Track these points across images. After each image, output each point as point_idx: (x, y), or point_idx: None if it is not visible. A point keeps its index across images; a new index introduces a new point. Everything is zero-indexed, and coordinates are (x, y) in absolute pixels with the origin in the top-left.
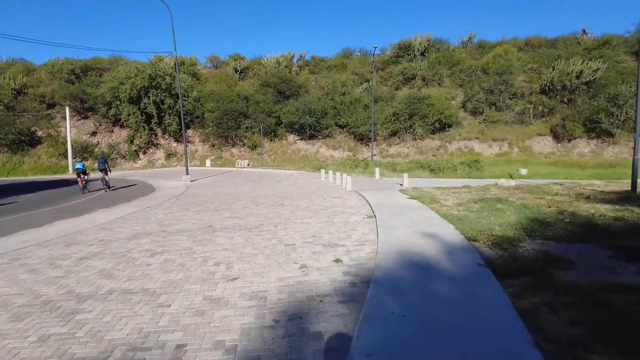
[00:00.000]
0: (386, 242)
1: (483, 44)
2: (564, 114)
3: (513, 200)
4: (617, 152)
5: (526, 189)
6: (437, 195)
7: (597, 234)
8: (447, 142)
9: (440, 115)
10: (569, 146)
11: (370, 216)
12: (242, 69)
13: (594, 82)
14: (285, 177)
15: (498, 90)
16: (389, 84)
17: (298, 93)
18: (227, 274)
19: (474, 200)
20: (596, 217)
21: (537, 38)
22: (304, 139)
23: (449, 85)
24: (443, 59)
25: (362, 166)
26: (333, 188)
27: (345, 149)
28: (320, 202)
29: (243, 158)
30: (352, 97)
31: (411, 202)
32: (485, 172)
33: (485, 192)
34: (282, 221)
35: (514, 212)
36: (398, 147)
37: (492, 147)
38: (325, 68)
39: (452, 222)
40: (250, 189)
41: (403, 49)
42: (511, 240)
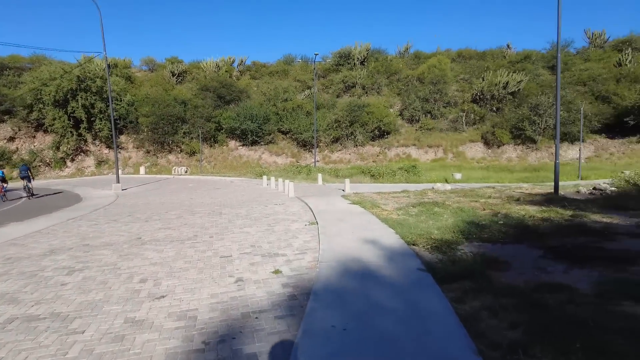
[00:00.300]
0: (328, 250)
1: (419, 55)
2: (493, 122)
3: (449, 204)
4: (539, 157)
5: (461, 193)
6: (377, 200)
7: (528, 235)
8: (386, 149)
9: (380, 122)
10: (498, 152)
11: (312, 223)
12: (179, 72)
13: (518, 93)
14: (225, 184)
15: (433, 99)
16: (330, 92)
17: (239, 98)
18: (154, 291)
19: (412, 205)
20: (526, 219)
21: (468, 50)
22: (246, 145)
23: (387, 93)
24: (381, 68)
25: (305, 172)
26: (275, 195)
27: (289, 155)
28: (261, 210)
29: (181, 165)
30: (295, 104)
31: (353, 208)
32: (422, 177)
33: (423, 196)
34: (219, 231)
35: (451, 215)
36: (340, 153)
37: (428, 153)
38: (267, 74)
39: (393, 226)
40: (186, 197)
41: (343, 57)
42: (449, 243)
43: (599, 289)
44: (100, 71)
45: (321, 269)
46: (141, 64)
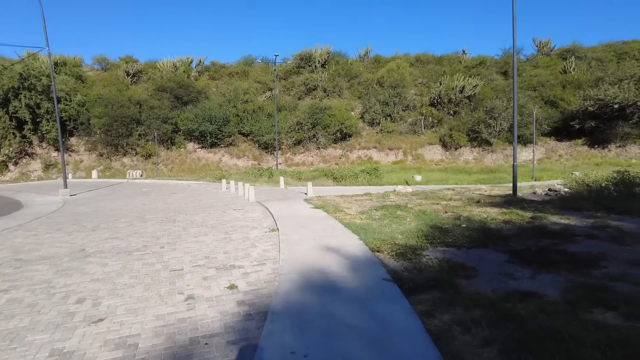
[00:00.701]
0: (289, 260)
1: (378, 59)
2: (450, 125)
3: (412, 207)
4: (495, 159)
5: (422, 195)
6: (340, 204)
7: (492, 238)
8: (348, 151)
9: (341, 125)
10: (456, 154)
11: (272, 229)
12: (134, 72)
13: (474, 97)
14: (181, 188)
15: (393, 102)
16: (292, 94)
17: (197, 99)
18: (92, 314)
19: (375, 208)
20: (488, 221)
21: (425, 55)
22: (205, 148)
23: (348, 97)
24: (342, 71)
25: (266, 175)
26: (235, 199)
27: (250, 158)
28: (219, 216)
29: (135, 168)
30: (255, 105)
31: (315, 212)
32: (384, 179)
33: (385, 199)
34: (172, 240)
35: (413, 219)
36: (303, 155)
37: (388, 156)
38: (227, 75)
39: (356, 232)
40: (139, 203)
41: (304, 59)
42: (414, 249)
43: (568, 295)
44: (46, 69)
45: (281, 282)
46: (93, 62)
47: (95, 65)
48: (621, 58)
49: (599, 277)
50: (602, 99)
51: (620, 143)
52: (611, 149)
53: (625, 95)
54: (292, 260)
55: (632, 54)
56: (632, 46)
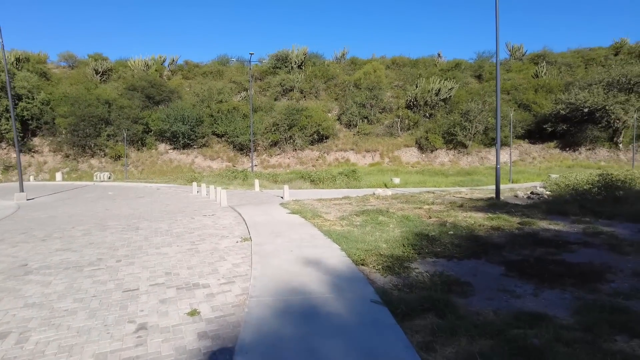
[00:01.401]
0: (261, 277)
1: (355, 61)
2: (426, 127)
3: (393, 212)
4: (470, 161)
5: (403, 198)
6: (318, 209)
7: (483, 248)
8: (325, 153)
9: (318, 127)
10: (432, 156)
11: (245, 239)
12: (104, 70)
13: (449, 99)
14: (150, 191)
15: (369, 104)
16: (267, 94)
17: (169, 98)
18: (13, 354)
19: (355, 213)
20: (476, 228)
21: (401, 58)
22: (177, 149)
23: (325, 98)
24: (319, 72)
25: (241, 177)
26: (206, 204)
27: (224, 160)
28: (187, 223)
29: (104, 170)
30: (230, 105)
31: (292, 218)
32: (362, 182)
33: (365, 203)
34: (131, 252)
35: (397, 225)
36: (279, 157)
37: (365, 158)
38: (200, 74)
39: (337, 240)
40: (102, 209)
41: (281, 60)
42: (401, 260)
43: (583, 318)
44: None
45: (251, 307)
46: (59, 59)
47: (61, 63)
48: (588, 64)
49: (609, 294)
50: (573, 103)
51: (590, 146)
52: (581, 152)
53: (595, 99)
54: (265, 277)
55: (599, 60)
56: (598, 52)
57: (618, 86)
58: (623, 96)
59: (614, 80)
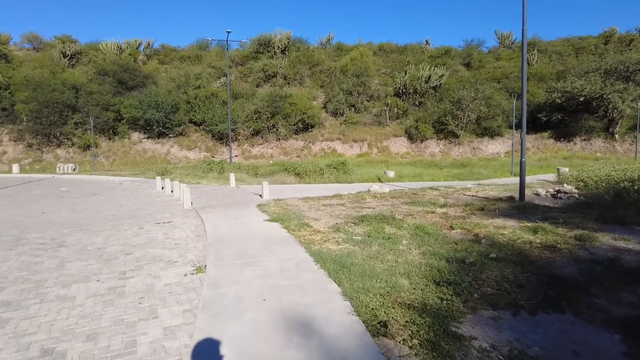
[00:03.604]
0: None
1: (341, 47)
2: (416, 116)
3: (401, 218)
4: (462, 152)
5: (405, 197)
6: (305, 212)
7: (556, 287)
8: (311, 143)
9: (303, 115)
10: (422, 146)
11: (199, 268)
12: (72, 53)
13: (439, 87)
14: (111, 187)
15: (356, 92)
16: (249, 80)
17: (144, 84)
18: None
19: (352, 219)
20: (523, 247)
21: (389, 44)
22: (152, 138)
23: (310, 85)
24: (303, 58)
25: (217, 170)
26: (168, 204)
27: (202, 150)
28: (131, 236)
29: (71, 161)
30: (209, 92)
31: (271, 229)
32: (353, 175)
33: (361, 203)
34: (18, 295)
35: (412, 241)
36: (261, 147)
37: (353, 148)
38: (178, 59)
39: (335, 274)
40: (37, 211)
41: (263, 44)
42: (443, 318)
43: None
44: None
45: None
46: (22, 40)
47: (24, 44)
48: (579, 52)
49: None
50: (569, 91)
51: (585, 137)
52: (576, 143)
53: (592, 87)
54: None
55: (589, 49)
56: (588, 41)
57: (616, 74)
58: (621, 84)
59: (612, 68)
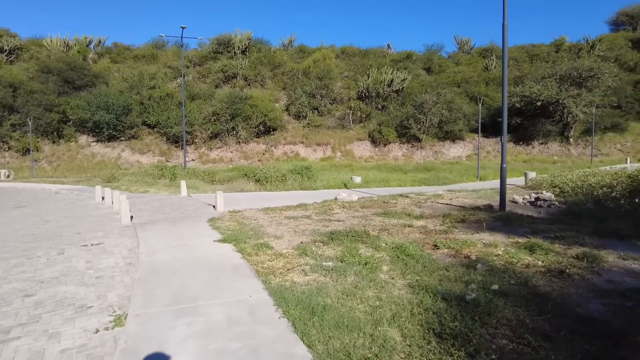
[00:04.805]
0: None
1: (303, 49)
2: (379, 120)
3: (377, 235)
4: (424, 155)
5: (376, 206)
6: (265, 228)
7: (593, 339)
8: (273, 147)
9: (265, 117)
10: (385, 150)
11: (118, 320)
12: (12, 48)
13: (402, 91)
14: (44, 196)
15: (319, 94)
16: (208, 81)
17: (93, 84)
18: None
19: (321, 237)
20: (525, 272)
21: (351, 48)
22: (101, 141)
23: (271, 87)
24: (265, 59)
25: (168, 177)
26: (104, 219)
27: (157, 154)
28: (41, 267)
29: (7, 166)
30: (164, 92)
31: (221, 254)
32: (318, 181)
33: (329, 214)
34: None
35: (395, 268)
36: (220, 151)
37: (316, 152)
38: (132, 58)
39: (303, 326)
40: None
41: (223, 45)
42: None
43: None
44: None
45: None
46: None
47: None
48: (533, 59)
49: None
50: (528, 96)
51: (543, 140)
52: (535, 146)
53: (548, 92)
54: None
55: (542, 56)
56: (541, 49)
57: (569, 80)
58: (575, 90)
59: (566, 74)
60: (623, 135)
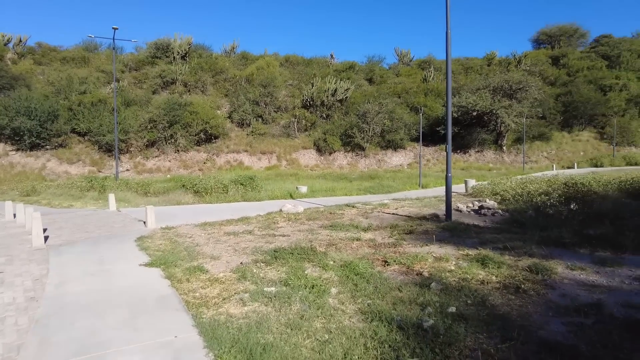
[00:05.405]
0: None
1: (246, 56)
2: (324, 129)
3: (324, 251)
4: (368, 164)
5: (323, 218)
6: (201, 247)
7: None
8: (215, 155)
9: (206, 125)
10: (330, 159)
11: None
12: None
13: (346, 100)
14: None
15: (264, 102)
16: (145, 87)
17: (12, 86)
18: None
19: (263, 256)
20: (480, 289)
21: (295, 56)
22: (23, 150)
23: (213, 93)
24: (206, 65)
25: (97, 189)
26: (12, 240)
27: (87, 163)
28: None
29: None
30: (95, 98)
31: (146, 282)
32: (262, 191)
33: (273, 228)
34: None
35: (344, 291)
36: (158, 160)
37: (261, 160)
38: (59, 60)
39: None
40: None
41: (161, 49)
42: None
43: None
44: None
45: None
46: None
47: None
48: (468, 71)
49: None
50: (465, 106)
51: (479, 148)
52: (471, 154)
53: (483, 103)
54: None
55: (475, 69)
56: (474, 62)
57: (502, 92)
58: (507, 101)
59: (499, 86)
60: (548, 144)
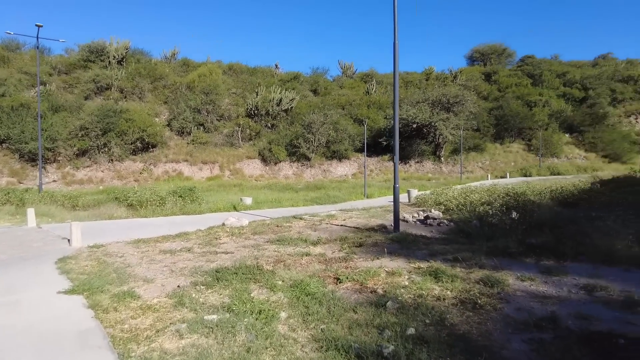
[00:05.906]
0: None
1: (187, 62)
2: (269, 138)
3: (272, 270)
4: (314, 174)
5: (269, 232)
6: (133, 267)
7: None
8: (152, 165)
9: (143, 133)
10: (276, 169)
11: None
12: None
13: (291, 110)
14: None
15: (206, 110)
16: (76, 92)
17: None
18: None
19: (204, 278)
20: (436, 306)
21: (238, 65)
22: None
23: (151, 100)
24: (144, 71)
25: (15, 202)
26: None
27: (6, 174)
28: None
29: None
30: (17, 102)
31: (64, 314)
32: (203, 204)
33: (215, 244)
34: None
35: (295, 315)
36: (89, 170)
37: (203, 170)
38: None
39: None
40: None
41: (95, 53)
42: None
43: None
44: None
45: None
46: None
47: None
48: (408, 85)
49: None
50: (405, 118)
51: (419, 159)
52: (412, 165)
53: (423, 115)
54: None
55: (415, 83)
56: (414, 76)
57: (439, 105)
58: (444, 114)
59: (437, 100)
60: (483, 155)
